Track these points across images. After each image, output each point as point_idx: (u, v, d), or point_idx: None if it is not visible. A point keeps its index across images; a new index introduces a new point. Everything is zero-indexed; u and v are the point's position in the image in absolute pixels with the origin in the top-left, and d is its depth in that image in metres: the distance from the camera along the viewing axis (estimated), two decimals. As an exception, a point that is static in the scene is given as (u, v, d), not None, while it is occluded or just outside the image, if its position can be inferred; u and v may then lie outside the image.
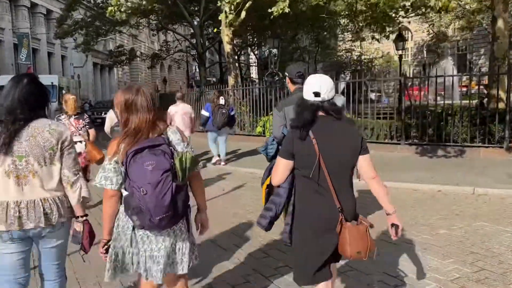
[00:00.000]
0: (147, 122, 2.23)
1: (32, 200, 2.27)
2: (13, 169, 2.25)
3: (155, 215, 2.05)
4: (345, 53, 40.87)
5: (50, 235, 2.35)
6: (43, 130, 2.31)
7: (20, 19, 32.77)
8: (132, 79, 51.16)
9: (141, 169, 2.07)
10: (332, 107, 2.29)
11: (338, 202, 2.24)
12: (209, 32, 30.35)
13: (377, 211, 5.37)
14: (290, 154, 2.30)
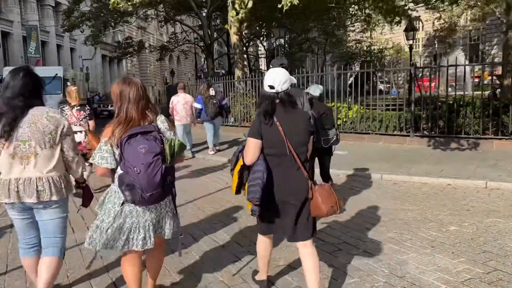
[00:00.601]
0: (137, 111, 2.54)
1: (29, 178, 2.62)
2: (18, 151, 2.60)
3: (146, 191, 2.37)
4: (354, 44, 40.30)
5: (42, 211, 2.70)
6: (41, 117, 2.62)
7: (28, 11, 32.75)
8: (141, 71, 51.11)
9: (135, 151, 2.38)
10: (286, 97, 2.69)
11: (306, 172, 2.68)
12: (217, 23, 30.12)
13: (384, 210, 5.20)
14: (259, 135, 2.67)
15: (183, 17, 30.53)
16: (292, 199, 2.70)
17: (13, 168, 2.62)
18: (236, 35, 15.12)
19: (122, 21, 25.60)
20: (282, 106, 2.70)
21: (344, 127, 10.87)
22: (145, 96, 2.61)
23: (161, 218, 2.69)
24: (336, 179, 6.83)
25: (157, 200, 2.51)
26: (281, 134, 2.64)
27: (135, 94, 2.56)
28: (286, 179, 2.68)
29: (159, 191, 2.41)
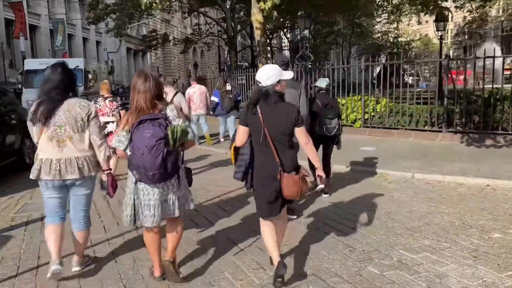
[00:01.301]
0: (146, 101, 2.86)
1: (69, 158, 3.08)
2: (55, 135, 3.07)
3: (149, 171, 2.70)
4: (381, 35, 39.27)
5: (81, 185, 3.17)
6: (75, 106, 3.10)
7: (56, 5, 33.17)
8: (165, 64, 51.34)
9: (141, 135, 2.72)
10: (272, 91, 3.02)
11: (278, 159, 3.00)
12: (240, 15, 29.76)
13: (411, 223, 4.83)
14: (246, 123, 3.12)
15: (207, 9, 30.31)
16: (268, 180, 3.04)
17: (52, 150, 3.06)
18: (260, 27, 14.74)
19: (146, 14, 25.56)
20: (267, 98, 3.04)
21: (371, 121, 10.43)
22: (154, 85, 2.91)
23: (169, 198, 2.96)
24: (363, 177, 6.47)
25: (160, 180, 2.81)
26: (261, 124, 3.01)
27: (145, 86, 2.88)
28: (264, 163, 3.06)
29: (161, 172, 2.73)
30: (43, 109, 3.03)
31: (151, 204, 2.91)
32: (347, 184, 6.10)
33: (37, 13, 30.58)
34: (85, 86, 16.33)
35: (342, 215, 4.70)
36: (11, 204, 5.43)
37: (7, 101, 7.90)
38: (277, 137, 3.02)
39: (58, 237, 3.17)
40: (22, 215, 4.92)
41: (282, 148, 3.03)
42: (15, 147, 7.39)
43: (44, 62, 16.19)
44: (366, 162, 7.30)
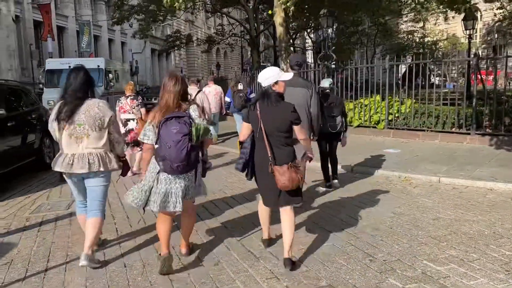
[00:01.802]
0: (173, 100, 3.20)
1: (83, 153, 3.37)
2: (74, 132, 3.37)
3: (174, 163, 3.01)
4: (406, 35, 38.44)
5: (91, 179, 3.45)
6: (94, 107, 3.41)
7: (82, 6, 33.85)
8: (188, 64, 51.71)
9: (169, 131, 3.04)
10: (270, 90, 3.32)
11: (270, 153, 3.26)
12: (263, 16, 29.61)
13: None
14: (248, 120, 3.43)
15: (230, 10, 30.30)
16: (263, 171, 3.32)
17: (71, 146, 3.37)
18: (282, 26, 14.56)
19: (170, 15, 25.73)
20: (266, 97, 3.33)
21: (396, 123, 10.09)
22: (181, 88, 3.26)
23: (188, 187, 3.30)
24: (386, 181, 6.21)
25: (183, 171, 3.13)
26: (259, 121, 3.29)
27: (173, 87, 3.23)
28: (259, 155, 3.37)
29: (185, 164, 3.05)
30: (67, 108, 3.36)
31: (172, 192, 3.23)
32: (369, 187, 5.85)
33: (64, 15, 31.25)
34: (105, 86, 16.07)
35: (362, 221, 4.47)
36: (28, 204, 5.43)
37: (28, 101, 7.93)
38: (273, 133, 3.30)
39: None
40: (37, 215, 4.90)
41: (277, 144, 3.30)
42: (35, 147, 7.41)
43: (65, 61, 16.28)
44: (390, 165, 7.02)
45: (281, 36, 14.95)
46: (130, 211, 4.85)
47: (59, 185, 6.32)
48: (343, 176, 6.58)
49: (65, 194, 5.83)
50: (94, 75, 16.14)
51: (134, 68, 37.78)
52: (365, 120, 10.67)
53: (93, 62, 16.43)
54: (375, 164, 7.06)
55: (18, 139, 6.87)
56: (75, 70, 3.49)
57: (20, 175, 7.12)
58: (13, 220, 4.76)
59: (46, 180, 6.80)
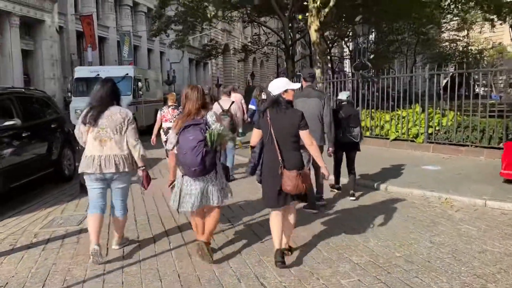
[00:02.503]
0: (194, 108, 3.57)
1: (108, 155, 3.68)
2: (98, 136, 3.69)
3: (191, 167, 3.39)
4: (449, 44, 37.01)
5: (118, 179, 3.79)
6: (116, 113, 3.75)
7: (123, 17, 34.77)
8: (225, 74, 52.04)
9: (186, 138, 3.42)
10: (280, 98, 3.57)
11: (280, 157, 3.47)
12: (299, 25, 29.27)
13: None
14: (258, 126, 3.68)
15: (266, 19, 30.20)
16: (272, 174, 3.51)
17: (95, 148, 3.68)
18: (316, 34, 14.14)
19: (207, 24, 25.92)
20: (276, 105, 3.58)
21: (436, 137, 9.36)
22: (202, 97, 3.65)
23: (208, 190, 3.61)
24: (425, 203, 5.61)
25: (200, 174, 3.48)
26: (269, 126, 3.53)
27: (195, 96, 3.62)
28: (269, 159, 3.57)
29: (201, 167, 3.40)
30: (93, 112, 3.72)
31: (192, 193, 3.60)
32: (404, 209, 5.29)
33: (106, 26, 32.16)
34: (134, 95, 15.47)
35: (394, 250, 3.95)
36: (41, 217, 5.25)
37: (49, 110, 7.74)
38: (282, 138, 3.53)
39: (97, 224, 3.79)
40: (47, 231, 4.69)
41: (286, 148, 3.53)
42: (53, 158, 7.20)
43: (94, 70, 16.12)
44: (428, 184, 6.39)
45: (316, 45, 14.55)
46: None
47: (77, 197, 6.16)
48: (375, 195, 6.04)
49: (81, 207, 5.64)
50: (122, 83, 14.74)
51: (171, 77, 38.41)
52: (402, 133, 10.01)
53: (122, 70, 16.28)
54: (411, 183, 6.46)
55: (33, 151, 6.66)
56: (104, 80, 3.96)
57: (39, 186, 7.03)
58: (22, 236, 4.57)
59: (65, 191, 6.66)
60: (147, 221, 5.03)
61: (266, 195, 3.63)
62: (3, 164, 5.78)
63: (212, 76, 49.23)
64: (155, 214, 5.31)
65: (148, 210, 5.54)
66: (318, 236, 4.37)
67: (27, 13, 23.46)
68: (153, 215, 5.27)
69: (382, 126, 10.63)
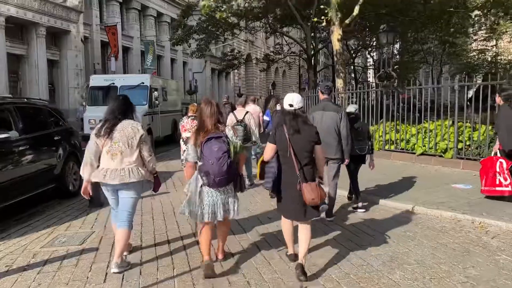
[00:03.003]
0: (211, 123, 3.72)
1: (116, 168, 3.82)
2: (110, 149, 3.83)
3: (216, 177, 3.55)
4: (477, 53, 35.87)
5: (123, 190, 3.90)
6: (127, 127, 3.88)
7: (147, 27, 35.22)
8: (247, 83, 52.04)
9: (211, 149, 3.58)
10: (300, 113, 3.74)
11: (298, 170, 3.62)
12: (322, 35, 28.90)
13: None
14: (274, 141, 3.77)
15: (289, 29, 29.98)
16: (291, 187, 3.63)
17: (106, 161, 3.83)
18: (339, 44, 13.77)
19: (230, 34, 25.88)
20: (295, 119, 3.65)
21: (466, 152, 8.77)
22: (218, 112, 3.76)
23: (228, 200, 3.75)
24: (456, 227, 5.11)
25: (224, 184, 3.61)
26: (287, 141, 3.60)
27: (210, 111, 3.73)
28: (287, 173, 3.67)
29: (226, 177, 3.53)
30: (106, 126, 3.86)
31: (214, 203, 3.70)
32: (433, 235, 4.81)
33: (130, 36, 32.61)
34: (149, 105, 14.70)
35: (422, 286, 3.50)
36: (44, 234, 5.00)
37: (52, 121, 7.30)
38: (300, 152, 3.65)
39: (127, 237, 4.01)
40: (47, 251, 4.43)
41: (303, 162, 3.65)
42: (55, 173, 6.73)
43: (109, 78, 15.71)
44: (460, 205, 5.87)
45: (338, 54, 14.18)
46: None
47: (85, 212, 5.92)
48: (400, 216, 5.57)
49: (87, 224, 5.39)
50: (137, 92, 13.49)
51: (194, 87, 38.56)
52: (430, 148, 9.44)
53: (138, 78, 15.55)
54: (441, 203, 5.95)
55: (31, 165, 6.17)
56: (119, 96, 4.19)
57: (46, 201, 6.84)
58: (20, 255, 4.32)
59: (73, 206, 6.41)
60: (153, 241, 4.75)
61: (284, 207, 3.81)
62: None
63: (234, 86, 49.28)
64: (163, 234, 5.02)
65: (156, 229, 5.25)
66: (336, 265, 3.95)
67: (54, 23, 23.93)
68: (160, 235, 4.98)
69: (408, 139, 10.09)
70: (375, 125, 11.08)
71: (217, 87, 47.56)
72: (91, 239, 4.74)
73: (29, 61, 23.51)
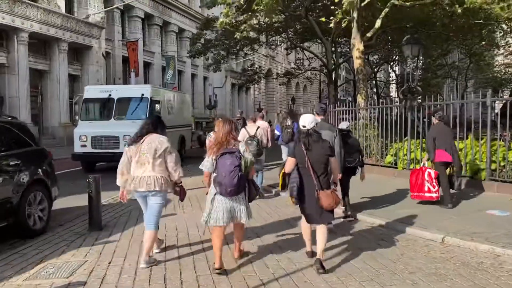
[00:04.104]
0: (226, 138, 4.29)
1: (144, 176, 4.41)
2: (139, 160, 4.45)
3: (228, 187, 4.10)
4: (504, 68, 34.72)
5: (152, 196, 4.48)
6: (155, 140, 4.47)
7: (169, 43, 35.54)
8: (267, 98, 51.85)
9: (224, 163, 4.13)
10: (313, 132, 4.42)
11: (316, 180, 4.28)
12: (343, 50, 28.44)
13: None
14: (294, 155, 4.42)
15: (310, 44, 29.66)
16: (310, 195, 4.31)
17: (137, 170, 4.41)
18: (359, 59, 13.24)
19: (250, 49, 25.73)
20: (310, 137, 4.40)
21: (500, 174, 8.02)
22: (230, 128, 4.33)
23: (237, 208, 4.29)
24: (495, 263, 4.45)
25: (234, 194, 4.20)
26: (305, 155, 4.33)
27: (225, 128, 4.31)
28: (307, 183, 4.34)
29: (236, 189, 4.14)
30: (138, 139, 4.44)
31: (224, 209, 4.21)
32: (468, 274, 4.15)
33: (151, 51, 32.91)
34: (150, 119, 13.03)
35: None
36: (30, 265, 4.50)
37: (12, 142, 6.05)
38: (316, 164, 4.30)
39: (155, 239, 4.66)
40: (29, 284, 3.97)
41: (319, 172, 4.31)
42: (9, 206, 5.42)
43: (106, 89, 14.08)
44: (497, 236, 5.18)
45: (359, 69, 13.65)
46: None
47: (83, 237, 5.51)
48: (428, 248, 4.92)
49: (82, 252, 4.94)
50: (136, 105, 12.57)
51: (213, 102, 38.51)
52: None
53: (137, 90, 13.76)
54: (474, 233, 5.27)
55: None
56: (151, 117, 4.99)
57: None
58: (0, 289, 3.90)
59: (72, 229, 5.95)
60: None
61: (307, 212, 4.44)
62: None
63: (255, 101, 49.13)
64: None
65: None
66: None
67: (76, 39, 24.24)
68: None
69: (434, 159, 9.38)
70: (399, 142, 10.43)
71: (237, 102, 47.52)
72: (81, 271, 4.27)
73: (51, 76, 23.82)
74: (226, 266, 4.32)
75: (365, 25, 14.60)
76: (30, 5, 20.93)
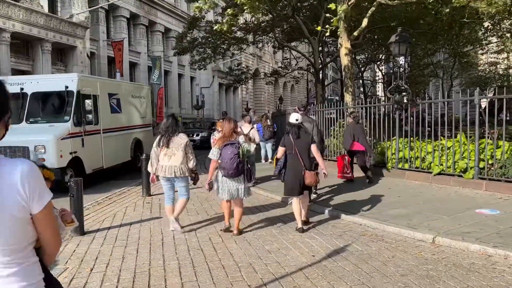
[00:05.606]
0: (230, 133, 5.61)
1: (171, 165, 5.75)
2: (167, 153, 5.77)
3: (229, 171, 5.40)
4: (488, 67, 35.12)
5: (178, 181, 5.85)
6: (178, 137, 5.81)
7: (155, 43, 35.14)
8: (255, 98, 51.73)
9: (226, 152, 5.43)
10: (301, 125, 5.93)
11: (302, 162, 5.69)
12: (330, 49, 28.44)
13: None
14: (284, 144, 5.85)
15: (297, 44, 29.61)
16: (296, 174, 5.71)
17: (164, 161, 5.75)
18: (346, 58, 13.19)
19: (237, 48, 25.58)
20: (299, 129, 5.82)
21: (489, 172, 8.01)
22: (234, 126, 5.70)
23: (238, 187, 5.56)
24: (487, 263, 4.37)
25: (235, 176, 5.46)
26: (293, 143, 5.73)
27: (231, 126, 5.67)
28: (294, 165, 5.74)
29: (235, 171, 5.40)
30: (164, 139, 5.75)
31: (228, 188, 5.55)
32: (461, 275, 4.08)
33: (137, 51, 32.50)
34: (76, 121, 9.71)
35: None
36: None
37: None
38: (302, 151, 5.73)
39: (171, 211, 5.90)
40: None
41: (304, 157, 5.74)
42: None
43: (16, 81, 10.14)
44: (488, 235, 5.12)
45: (346, 68, 13.60)
46: None
47: (65, 241, 5.31)
48: (418, 249, 4.84)
49: (62, 259, 4.75)
50: (56, 103, 9.94)
51: (200, 102, 38.22)
52: (448, 167, 8.69)
53: (59, 81, 10.30)
54: (465, 233, 5.21)
55: None
56: (169, 115, 6.11)
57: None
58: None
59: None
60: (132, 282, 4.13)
61: (290, 188, 5.78)
62: None
63: (242, 101, 48.98)
64: (144, 272, 4.40)
65: (138, 264, 4.64)
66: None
67: (59, 39, 23.75)
68: (141, 273, 4.35)
69: (423, 157, 9.36)
70: (387, 141, 10.39)
71: (224, 102, 47.31)
72: (60, 279, 4.05)
73: (34, 76, 23.34)
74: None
75: (352, 24, 14.54)
76: (12, 4, 20.44)
